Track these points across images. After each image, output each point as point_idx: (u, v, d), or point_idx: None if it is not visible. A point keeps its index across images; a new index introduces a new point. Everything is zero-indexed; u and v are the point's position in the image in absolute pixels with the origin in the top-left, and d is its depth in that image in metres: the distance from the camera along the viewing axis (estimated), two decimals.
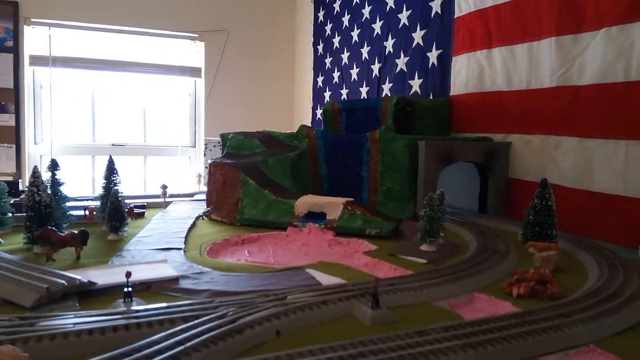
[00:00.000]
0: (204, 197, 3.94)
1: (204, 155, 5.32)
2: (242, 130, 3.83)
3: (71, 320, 1.31)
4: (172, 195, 3.78)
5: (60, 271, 1.69)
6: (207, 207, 3.28)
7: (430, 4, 4.15)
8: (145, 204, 3.39)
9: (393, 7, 4.73)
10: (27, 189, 2.18)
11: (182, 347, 1.14)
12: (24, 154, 6.24)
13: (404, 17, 4.56)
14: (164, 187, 3.50)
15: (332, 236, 2.65)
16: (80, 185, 6.39)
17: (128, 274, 1.45)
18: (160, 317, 1.33)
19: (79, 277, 1.60)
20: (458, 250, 2.37)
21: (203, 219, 3.11)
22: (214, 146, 5.28)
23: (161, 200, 3.54)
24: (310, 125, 6.37)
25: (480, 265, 2.00)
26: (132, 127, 6.98)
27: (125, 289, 1.47)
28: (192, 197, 4.08)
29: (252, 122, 5.92)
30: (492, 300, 1.67)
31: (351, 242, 2.57)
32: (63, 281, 1.55)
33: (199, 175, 4.63)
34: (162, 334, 1.22)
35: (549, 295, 1.69)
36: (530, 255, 2.25)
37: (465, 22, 3.78)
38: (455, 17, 3.88)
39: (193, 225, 2.89)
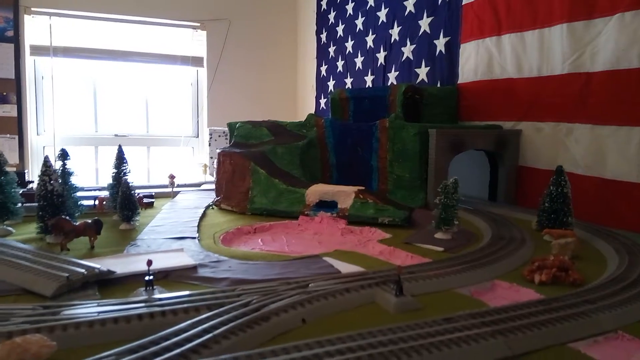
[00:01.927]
0: (211, 187, 3.93)
1: (209, 145, 5.30)
2: (245, 119, 3.80)
3: (94, 309, 1.30)
4: (179, 185, 3.75)
5: (79, 260, 1.67)
6: (217, 196, 3.26)
7: None
8: (153, 193, 3.36)
9: None
10: (38, 178, 2.16)
11: (210, 335, 1.13)
12: (26, 145, 6.20)
13: (410, 4, 4.51)
14: (172, 177, 3.47)
15: (344, 225, 2.64)
16: (84, 176, 6.36)
17: (149, 262, 1.44)
18: (185, 305, 1.31)
19: (98, 266, 1.59)
20: (472, 238, 2.35)
21: (213, 208, 3.09)
22: (219, 136, 5.26)
23: (169, 190, 3.52)
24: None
25: (498, 253, 1.98)
26: (134, 117, 6.94)
27: (147, 278, 1.45)
28: (199, 187, 4.05)
29: (255, 112, 5.89)
30: (514, 288, 1.66)
31: (364, 230, 2.56)
32: (83, 270, 1.54)
33: (205, 166, 4.61)
34: (189, 321, 1.20)
35: (570, 282, 1.68)
36: (545, 242, 2.24)
37: (473, 8, 3.74)
38: (463, 3, 3.83)
39: (204, 215, 2.87)
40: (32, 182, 3.88)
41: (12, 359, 1.01)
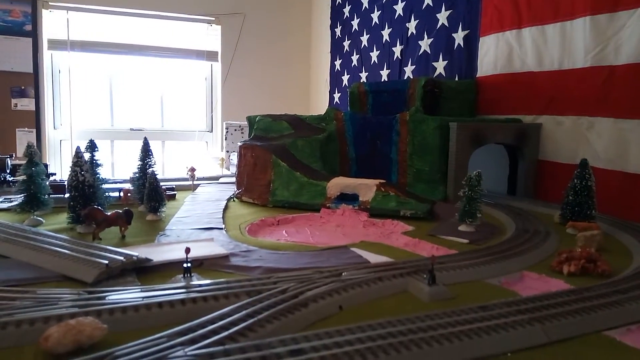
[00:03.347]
0: (228, 180, 3.97)
1: (225, 139, 5.33)
2: (259, 113, 3.82)
3: (138, 294, 1.33)
4: (198, 179, 3.79)
5: (115, 248, 1.71)
6: (238, 189, 3.30)
7: None
8: (174, 186, 3.40)
9: None
10: (70, 169, 2.20)
11: (255, 319, 1.16)
12: (44, 139, 6.29)
13: None
14: (193, 170, 3.51)
15: (366, 217, 2.66)
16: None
17: (187, 250, 1.47)
18: (225, 292, 1.34)
19: (136, 253, 1.62)
20: (496, 231, 2.37)
21: (234, 200, 3.13)
22: (235, 130, 5.29)
23: (189, 182, 3.56)
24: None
25: (524, 245, 2.00)
26: (149, 111, 7.00)
27: (185, 265, 1.48)
28: (217, 180, 4.09)
29: (269, 106, 5.92)
30: (543, 278, 1.67)
31: (386, 223, 2.57)
32: (121, 257, 1.57)
33: (222, 159, 4.64)
34: (232, 306, 1.23)
35: (599, 273, 1.70)
36: (569, 235, 2.26)
37: (493, 2, 3.72)
38: None
39: (226, 207, 2.90)
40: (55, 174, 3.94)
41: (68, 339, 1.05)
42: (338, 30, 6.48)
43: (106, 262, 1.52)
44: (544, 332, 1.20)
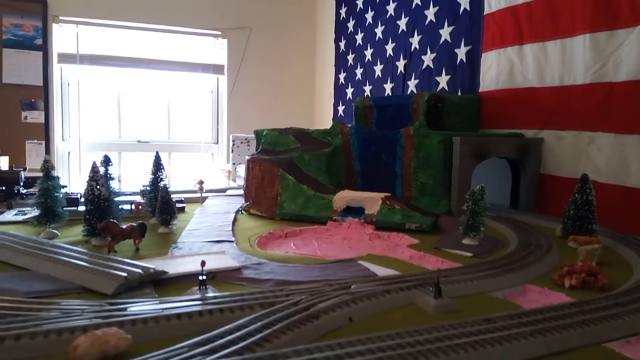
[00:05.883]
0: (236, 192, 4.05)
1: (232, 151, 5.41)
2: (264, 126, 3.91)
3: (157, 306, 1.39)
4: (206, 191, 3.86)
5: (132, 261, 1.78)
6: (246, 201, 3.36)
7: (458, 0, 4.19)
8: (183, 199, 3.47)
9: (419, 3, 4.77)
10: (86, 183, 2.27)
11: (269, 330, 1.22)
12: (53, 151, 6.39)
13: (430, 13, 4.60)
14: (201, 182, 3.58)
15: (372, 230, 2.72)
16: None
17: (203, 263, 1.53)
18: (239, 304, 1.41)
19: (152, 266, 1.69)
20: (499, 244, 2.42)
21: (242, 213, 3.19)
22: (241, 142, 5.38)
23: (198, 195, 3.63)
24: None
25: (527, 259, 2.05)
26: (157, 123, 7.10)
27: (200, 277, 1.55)
28: (225, 192, 4.16)
29: (274, 119, 6.02)
30: (545, 292, 1.73)
31: (391, 236, 2.63)
32: (139, 270, 1.64)
33: (229, 172, 4.72)
34: (247, 318, 1.29)
35: (600, 286, 1.75)
36: (571, 249, 2.31)
37: (495, 18, 3.81)
38: (484, 13, 3.91)
39: (235, 219, 2.97)
40: (65, 186, 4.01)
41: (95, 349, 1.11)
42: (342, 44, 6.58)
43: (125, 274, 1.59)
44: (546, 343, 1.26)
